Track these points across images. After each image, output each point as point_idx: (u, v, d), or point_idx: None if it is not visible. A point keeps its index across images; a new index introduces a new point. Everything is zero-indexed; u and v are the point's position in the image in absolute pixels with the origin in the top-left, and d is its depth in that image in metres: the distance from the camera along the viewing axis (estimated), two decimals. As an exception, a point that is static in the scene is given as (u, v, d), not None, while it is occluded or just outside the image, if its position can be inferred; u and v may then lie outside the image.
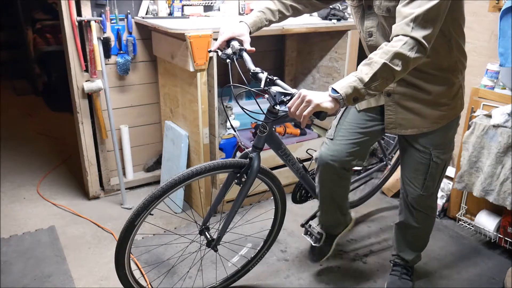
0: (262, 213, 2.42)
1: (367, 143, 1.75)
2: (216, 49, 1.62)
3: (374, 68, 1.24)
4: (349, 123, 1.73)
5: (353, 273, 2.14)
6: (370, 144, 1.79)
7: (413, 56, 1.26)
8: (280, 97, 1.39)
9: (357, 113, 1.73)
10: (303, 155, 2.37)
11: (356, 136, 1.72)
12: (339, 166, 1.74)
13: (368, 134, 1.73)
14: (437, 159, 1.67)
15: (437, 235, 2.42)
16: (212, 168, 1.61)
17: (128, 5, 2.53)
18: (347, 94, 1.25)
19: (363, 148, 1.75)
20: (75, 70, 2.44)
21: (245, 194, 1.70)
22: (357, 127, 1.72)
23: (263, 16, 1.66)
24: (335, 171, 1.76)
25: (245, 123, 2.94)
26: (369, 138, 1.74)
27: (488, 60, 2.38)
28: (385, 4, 1.41)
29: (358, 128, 1.72)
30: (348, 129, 1.73)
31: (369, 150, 1.89)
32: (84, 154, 2.63)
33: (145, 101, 2.80)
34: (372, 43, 1.55)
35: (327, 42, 2.82)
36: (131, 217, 1.54)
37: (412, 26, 1.25)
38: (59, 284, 1.99)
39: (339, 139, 1.73)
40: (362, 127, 1.72)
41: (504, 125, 2.09)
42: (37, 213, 2.58)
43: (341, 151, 1.72)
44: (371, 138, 1.75)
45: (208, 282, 1.99)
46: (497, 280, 2.10)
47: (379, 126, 1.71)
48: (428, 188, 1.74)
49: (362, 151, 1.75)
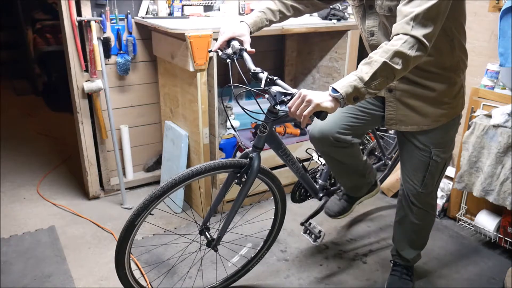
0: (262, 213, 2.42)
1: (364, 121, 1.71)
2: (216, 49, 1.62)
3: (374, 67, 1.25)
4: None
5: (353, 273, 2.14)
6: (366, 125, 1.75)
7: (413, 54, 1.26)
8: (281, 97, 1.39)
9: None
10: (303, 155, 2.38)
11: (354, 111, 1.69)
12: (333, 140, 1.70)
13: (367, 114, 1.70)
14: (437, 158, 1.67)
15: (437, 235, 2.42)
16: (213, 168, 1.61)
17: (128, 5, 2.53)
18: (348, 93, 1.25)
19: (359, 125, 1.71)
20: (75, 70, 2.45)
21: (245, 194, 1.71)
22: (352, 109, 1.70)
23: (264, 16, 1.66)
24: (329, 142, 1.71)
25: (245, 123, 2.94)
26: (367, 118, 1.71)
27: (488, 60, 2.38)
28: (387, 4, 1.42)
29: (358, 105, 1.68)
30: (343, 109, 1.67)
31: (366, 131, 1.84)
32: (84, 154, 2.64)
33: (145, 101, 2.80)
34: (373, 43, 1.55)
35: (327, 42, 2.82)
36: (131, 217, 1.54)
37: (412, 25, 1.26)
38: (59, 284, 1.99)
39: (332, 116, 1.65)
40: (363, 106, 1.70)
41: (504, 125, 2.09)
42: (37, 213, 2.58)
43: (335, 122, 1.68)
44: (369, 120, 1.72)
45: (208, 282, 1.99)
46: (497, 280, 2.10)
47: (380, 113, 1.69)
48: (427, 186, 1.74)
49: (357, 128, 1.71)
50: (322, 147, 1.78)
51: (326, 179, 2.08)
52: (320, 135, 1.72)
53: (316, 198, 2.09)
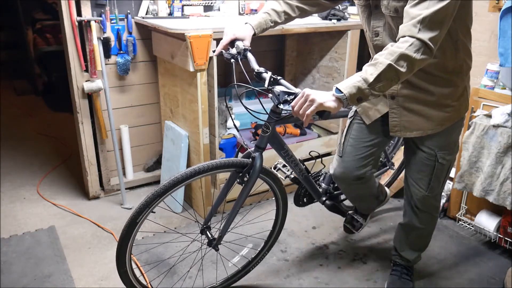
0: (263, 213, 2.42)
1: (375, 153, 1.77)
2: (219, 51, 1.64)
3: (379, 69, 1.24)
4: (354, 139, 1.75)
5: (353, 273, 2.14)
6: (379, 154, 1.82)
7: (419, 57, 1.25)
8: (284, 97, 1.39)
9: (361, 127, 1.73)
10: (303, 155, 2.38)
11: (363, 151, 1.74)
12: (353, 178, 1.78)
13: (374, 145, 1.74)
14: (442, 160, 1.66)
15: (437, 235, 2.42)
16: (215, 167, 1.61)
17: (128, 5, 2.53)
18: (351, 94, 1.25)
19: (372, 159, 1.77)
20: (75, 70, 2.44)
21: (247, 194, 1.71)
22: (362, 142, 1.73)
23: (268, 17, 1.66)
24: (351, 182, 1.80)
25: (245, 123, 2.94)
26: (376, 149, 1.76)
27: (488, 60, 2.38)
28: (393, 4, 1.40)
29: (363, 142, 1.73)
30: (354, 145, 1.75)
31: (380, 157, 1.91)
32: (84, 154, 2.63)
33: (145, 101, 2.80)
34: (378, 43, 1.54)
35: (327, 42, 2.82)
36: (133, 214, 1.54)
37: (419, 28, 1.25)
38: (59, 284, 1.99)
39: (347, 156, 1.77)
40: (367, 141, 1.73)
41: (504, 125, 2.09)
42: (37, 213, 2.58)
43: (351, 167, 1.76)
44: (378, 148, 1.77)
45: (209, 282, 1.99)
46: (497, 280, 2.10)
47: (383, 137, 1.73)
48: (433, 189, 1.74)
49: (372, 162, 1.78)
50: (343, 184, 1.86)
51: (330, 183, 2.07)
52: (342, 175, 1.80)
53: (319, 201, 2.08)
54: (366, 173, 1.77)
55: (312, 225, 2.52)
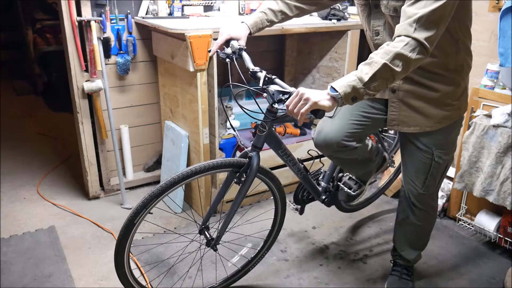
0: (262, 213, 2.42)
1: (367, 127, 1.72)
2: (214, 51, 1.64)
3: (374, 68, 1.24)
4: (352, 106, 1.65)
5: (353, 273, 2.14)
6: (369, 130, 1.76)
7: (414, 57, 1.25)
8: (279, 96, 1.39)
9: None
10: (303, 155, 2.38)
11: (357, 118, 1.69)
12: (338, 145, 1.70)
13: (370, 119, 1.70)
14: (439, 159, 1.66)
15: (437, 235, 2.42)
16: (212, 167, 1.61)
17: (128, 5, 2.53)
18: (346, 93, 1.25)
19: (362, 131, 1.72)
20: (75, 70, 2.45)
21: (245, 194, 1.70)
22: (359, 110, 1.70)
23: (264, 17, 1.66)
24: (334, 148, 1.72)
25: (245, 123, 2.94)
26: (370, 123, 1.71)
27: (488, 60, 2.38)
28: (393, 4, 1.41)
29: (360, 111, 1.69)
30: (350, 110, 1.69)
31: (368, 135, 1.85)
32: (84, 154, 2.64)
33: (145, 101, 2.80)
34: (378, 42, 1.54)
35: (327, 42, 2.82)
36: (131, 215, 1.54)
37: (415, 27, 1.24)
38: (59, 284, 1.99)
39: (340, 117, 1.70)
40: (365, 111, 1.70)
41: (504, 125, 2.09)
42: (37, 213, 2.58)
43: (339, 130, 1.69)
44: (372, 124, 1.72)
45: (208, 282, 1.99)
46: (497, 280, 2.10)
47: (382, 116, 1.69)
48: (428, 188, 1.74)
49: (361, 134, 1.72)
50: (327, 152, 1.79)
51: (329, 181, 2.07)
52: (324, 143, 1.73)
53: (319, 200, 2.08)
54: (351, 144, 1.70)
55: (312, 225, 2.52)
